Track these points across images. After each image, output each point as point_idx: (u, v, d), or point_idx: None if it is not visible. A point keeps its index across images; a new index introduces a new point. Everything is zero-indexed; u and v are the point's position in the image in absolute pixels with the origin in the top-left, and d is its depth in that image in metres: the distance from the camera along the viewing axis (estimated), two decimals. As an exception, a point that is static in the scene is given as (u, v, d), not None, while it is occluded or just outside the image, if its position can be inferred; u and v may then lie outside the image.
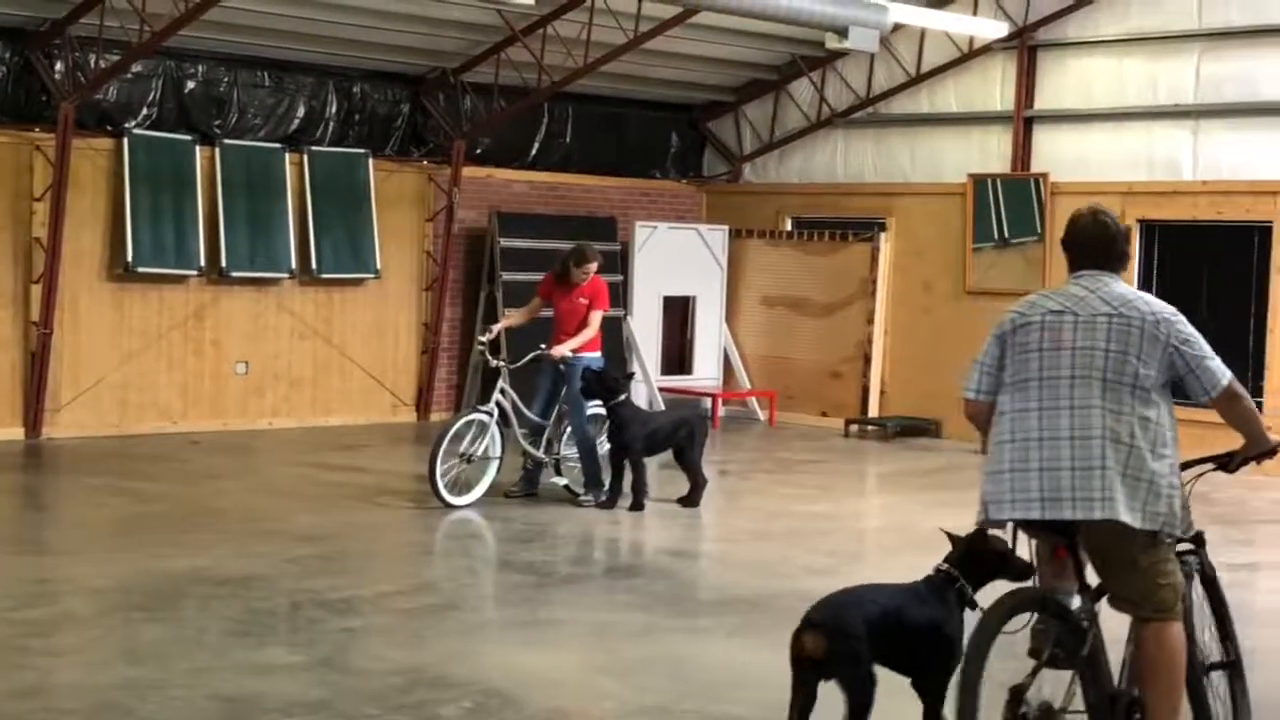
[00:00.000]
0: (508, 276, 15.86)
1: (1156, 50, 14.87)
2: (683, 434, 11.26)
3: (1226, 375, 5.17)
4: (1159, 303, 5.24)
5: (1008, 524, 5.27)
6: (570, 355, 11.12)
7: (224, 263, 14.40)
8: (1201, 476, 5.35)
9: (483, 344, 11.55)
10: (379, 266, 15.45)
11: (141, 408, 14.25)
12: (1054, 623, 5.07)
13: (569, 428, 11.36)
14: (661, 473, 12.04)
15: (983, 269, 15.83)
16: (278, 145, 14.92)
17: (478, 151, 16.33)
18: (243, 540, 9.65)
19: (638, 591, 8.63)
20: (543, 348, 11.20)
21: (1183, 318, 5.19)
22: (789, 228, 17.59)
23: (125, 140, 13.86)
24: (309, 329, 15.26)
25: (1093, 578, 5.27)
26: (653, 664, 7.09)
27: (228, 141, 14.56)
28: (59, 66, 13.39)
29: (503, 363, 11.32)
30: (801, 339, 17.22)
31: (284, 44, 14.58)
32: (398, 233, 15.80)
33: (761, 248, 17.59)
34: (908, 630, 5.28)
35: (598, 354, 11.41)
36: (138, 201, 13.85)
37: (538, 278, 15.12)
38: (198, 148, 14.28)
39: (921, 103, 16.58)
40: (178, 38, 12.85)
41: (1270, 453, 5.34)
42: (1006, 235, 15.67)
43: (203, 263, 14.23)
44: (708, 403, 16.68)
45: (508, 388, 11.25)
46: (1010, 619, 4.97)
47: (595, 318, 11.21)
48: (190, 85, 14.55)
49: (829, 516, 11.37)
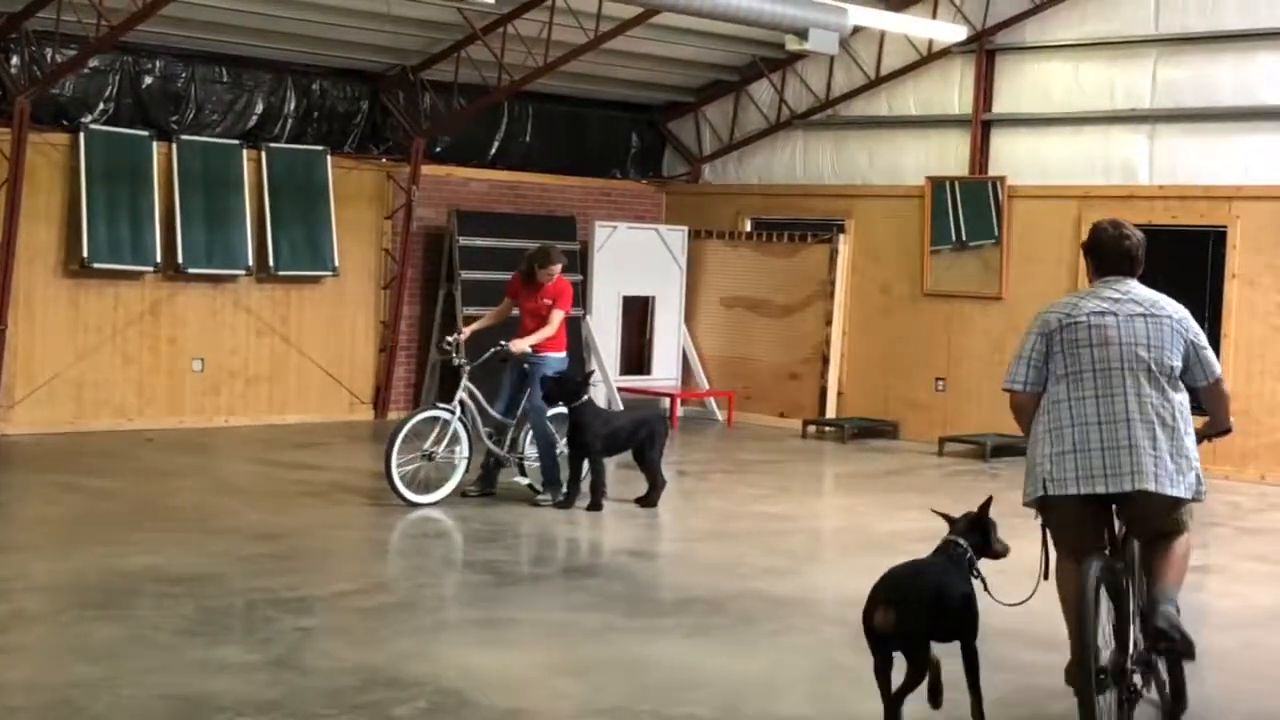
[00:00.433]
0: (466, 275, 15.83)
1: (1114, 55, 14.97)
2: (643, 434, 11.27)
3: (1219, 365, 6.12)
4: (1175, 303, 6.04)
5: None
6: (531, 351, 11.13)
7: (180, 259, 14.32)
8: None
9: (450, 344, 11.51)
10: (337, 264, 15.40)
11: (97, 404, 14.16)
12: (1108, 574, 5.89)
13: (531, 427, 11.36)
14: (619, 472, 12.04)
15: (940, 271, 15.90)
16: (235, 142, 14.84)
17: (437, 150, 16.29)
18: (197, 538, 9.59)
19: (595, 591, 8.63)
20: (503, 343, 11.20)
21: (1191, 316, 6.04)
22: (748, 229, 17.63)
23: (81, 135, 13.76)
24: (266, 326, 15.18)
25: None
26: (610, 664, 7.09)
27: (185, 137, 14.47)
28: (15, 61, 13.27)
29: (465, 362, 11.30)
30: (760, 340, 17.25)
31: (242, 40, 14.50)
32: (356, 230, 15.75)
33: (721, 248, 17.62)
34: (952, 602, 5.91)
35: (563, 354, 11.42)
36: (94, 197, 13.75)
37: (497, 277, 15.22)
38: (155, 143, 14.18)
39: (881, 105, 16.64)
40: (135, 32, 12.77)
41: (1225, 432, 6.34)
42: (964, 238, 15.75)
43: (159, 259, 14.13)
44: (666, 403, 16.69)
45: (471, 386, 11.24)
46: (1100, 583, 5.79)
47: (555, 317, 11.22)
48: (148, 80, 14.45)
49: (786, 517, 11.39)
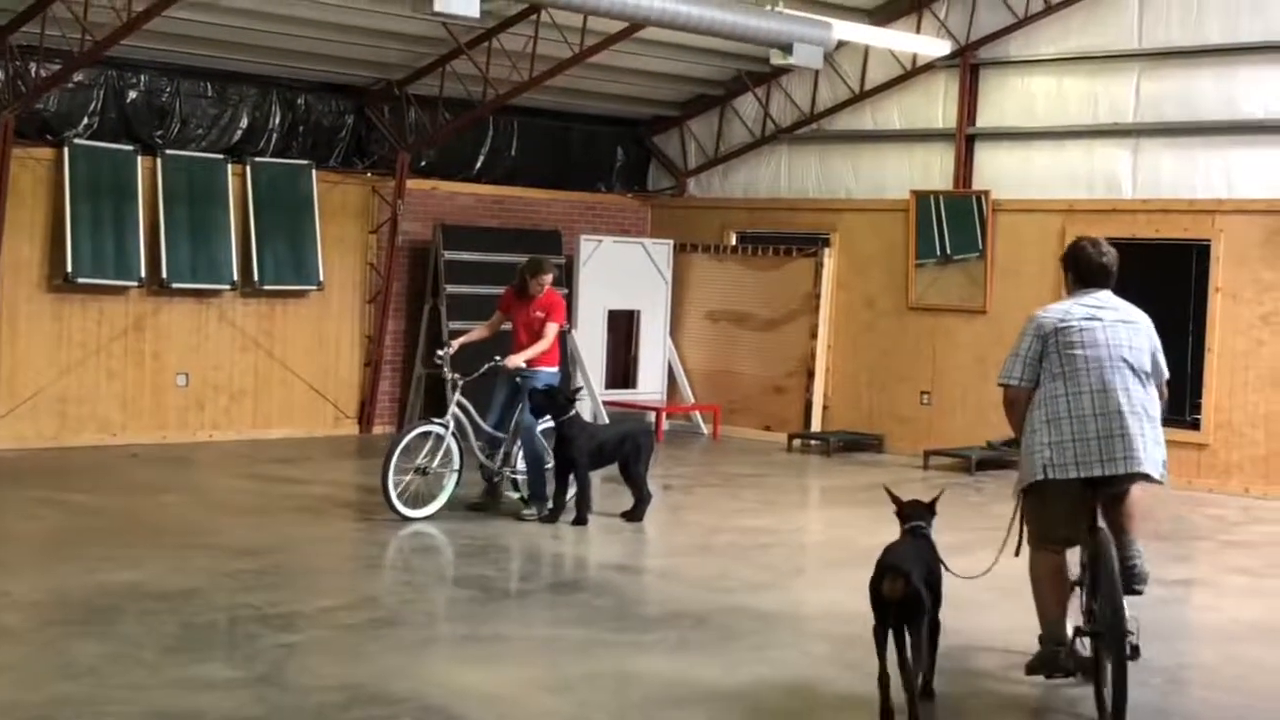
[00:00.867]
0: (452, 289, 15.82)
1: (1097, 69, 15.02)
2: (628, 448, 11.26)
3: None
4: (1141, 311, 6.96)
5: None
6: (525, 366, 11.14)
7: (165, 274, 14.30)
8: None
9: (441, 357, 11.51)
10: (322, 278, 15.38)
11: (80, 419, 14.12)
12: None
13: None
14: (605, 487, 12.03)
15: (925, 285, 15.93)
16: (220, 156, 14.83)
17: (422, 164, 16.29)
18: (181, 554, 9.56)
19: (581, 607, 8.62)
20: (498, 359, 11.21)
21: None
22: (733, 242, 17.65)
23: (66, 150, 13.74)
24: (250, 341, 15.16)
25: None
26: (595, 679, 7.08)
27: (170, 152, 14.46)
28: (-1, 75, 13.28)
29: (457, 376, 11.30)
30: (745, 353, 17.27)
31: (227, 54, 14.49)
32: (341, 245, 15.74)
33: (706, 262, 17.64)
34: (935, 575, 6.69)
35: (555, 368, 11.46)
36: (78, 212, 13.72)
37: (482, 291, 15.23)
38: (139, 158, 14.17)
39: (865, 119, 16.67)
40: (120, 47, 12.75)
41: None
42: (949, 251, 15.78)
43: (143, 274, 14.11)
44: (651, 416, 16.69)
45: (464, 400, 11.24)
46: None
47: (550, 330, 11.25)
48: (132, 95, 14.44)
49: (771, 531, 11.39)
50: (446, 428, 11.12)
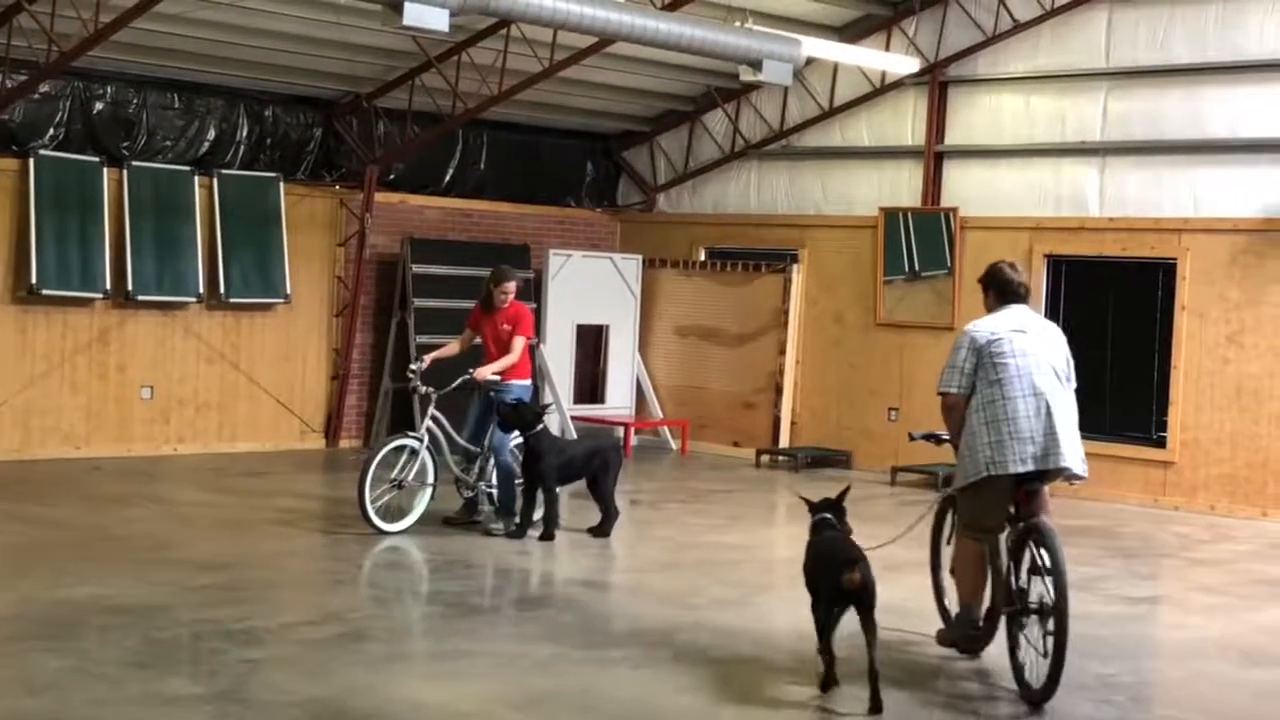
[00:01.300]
0: (420, 303, 15.78)
1: (1065, 88, 15.10)
2: (596, 463, 11.24)
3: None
4: (1054, 324, 7.87)
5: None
6: (495, 379, 11.14)
7: (130, 286, 14.22)
8: None
9: (413, 372, 11.48)
10: (289, 291, 15.32)
11: (44, 432, 14.02)
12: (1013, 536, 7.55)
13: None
14: (572, 502, 12.00)
15: (893, 301, 15.96)
16: (187, 168, 14.76)
17: (391, 177, 16.25)
18: (145, 568, 9.49)
19: (547, 623, 8.58)
20: (471, 371, 11.21)
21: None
22: (702, 258, 17.66)
23: (31, 160, 13.66)
24: (216, 354, 15.08)
25: None
26: (561, 696, 7.05)
27: (136, 163, 14.38)
28: (-36, 85, 13.18)
29: (431, 390, 11.27)
30: (714, 369, 17.27)
31: (195, 66, 14.44)
32: (308, 257, 15.68)
33: (675, 277, 17.64)
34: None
35: (527, 381, 11.49)
36: (43, 223, 13.64)
37: (450, 304, 15.20)
38: (105, 169, 14.09)
39: (834, 136, 16.71)
40: (86, 58, 12.69)
41: None
42: (917, 268, 15.82)
43: (109, 285, 14.03)
44: (620, 432, 16.67)
45: (439, 414, 11.21)
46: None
47: (518, 343, 11.25)
48: (99, 106, 14.36)
49: (739, 547, 11.38)
50: (421, 441, 11.09)
